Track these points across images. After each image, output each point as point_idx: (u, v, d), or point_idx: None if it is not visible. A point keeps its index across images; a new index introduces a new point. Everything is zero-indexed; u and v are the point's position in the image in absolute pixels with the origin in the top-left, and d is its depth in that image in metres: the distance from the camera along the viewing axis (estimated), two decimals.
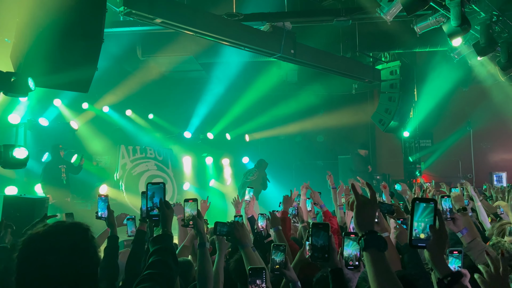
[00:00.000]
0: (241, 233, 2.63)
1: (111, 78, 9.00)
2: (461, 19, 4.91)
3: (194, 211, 2.63)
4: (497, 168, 12.34)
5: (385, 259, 1.46)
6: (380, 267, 1.44)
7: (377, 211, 1.59)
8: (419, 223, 1.51)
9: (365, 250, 1.48)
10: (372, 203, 1.57)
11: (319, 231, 1.87)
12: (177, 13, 5.87)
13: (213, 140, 11.54)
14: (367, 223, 1.53)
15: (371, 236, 1.49)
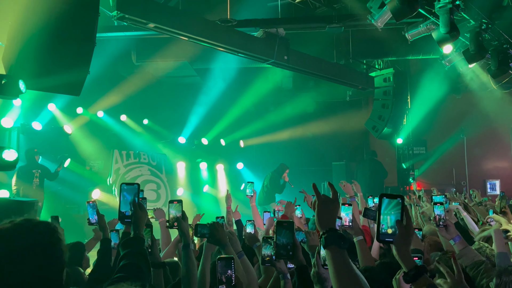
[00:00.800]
0: (220, 233, 2.64)
1: (106, 82, 9.02)
2: (450, 26, 4.98)
3: (179, 212, 2.64)
4: (491, 175, 12.40)
5: (345, 256, 1.48)
6: (340, 264, 1.46)
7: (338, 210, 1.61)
8: (387, 218, 1.53)
9: (326, 248, 1.50)
10: (333, 202, 1.59)
11: (283, 230, 1.90)
12: (170, 18, 5.92)
13: (208, 146, 11.54)
14: (328, 221, 1.55)
15: (332, 234, 1.50)
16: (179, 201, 2.67)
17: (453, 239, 2.71)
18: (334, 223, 1.56)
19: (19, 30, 4.41)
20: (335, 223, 1.57)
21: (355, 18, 6.77)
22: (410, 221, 1.54)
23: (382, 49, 9.08)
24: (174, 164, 11.02)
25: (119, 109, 9.81)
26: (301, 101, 12.01)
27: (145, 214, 2.13)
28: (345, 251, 1.50)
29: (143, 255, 1.93)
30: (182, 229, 2.54)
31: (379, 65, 9.98)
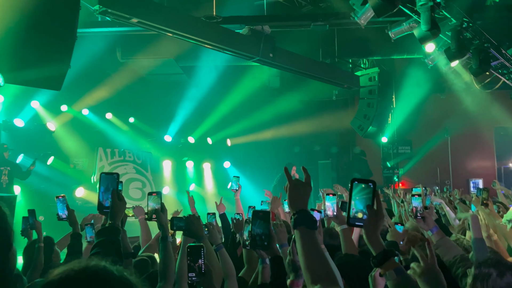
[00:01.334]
0: (196, 226, 2.63)
1: (90, 80, 8.92)
2: (430, 24, 5.04)
3: (158, 204, 2.62)
4: (474, 175, 12.60)
5: (314, 237, 1.50)
6: (309, 243, 1.48)
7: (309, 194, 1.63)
8: (358, 203, 1.55)
9: (295, 228, 1.52)
10: (304, 185, 1.62)
11: (259, 220, 1.89)
12: (154, 13, 5.89)
13: (194, 144, 11.50)
14: (298, 203, 1.57)
15: (301, 215, 1.53)
16: (158, 193, 2.66)
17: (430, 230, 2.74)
18: (305, 204, 1.58)
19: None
20: (306, 205, 1.59)
21: (339, 16, 6.82)
22: (380, 206, 1.56)
23: (367, 48, 9.16)
24: (160, 163, 10.95)
25: (104, 106, 9.71)
26: (288, 100, 12.04)
27: (123, 204, 2.07)
28: (315, 232, 1.52)
29: (116, 245, 1.90)
30: (161, 221, 2.52)
31: (364, 65, 10.06)
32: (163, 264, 2.41)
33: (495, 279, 2.03)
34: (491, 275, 2.05)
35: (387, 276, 1.48)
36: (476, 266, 2.15)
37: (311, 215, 1.54)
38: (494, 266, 2.09)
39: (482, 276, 2.07)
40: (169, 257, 2.43)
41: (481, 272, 2.08)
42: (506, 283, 2.01)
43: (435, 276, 1.77)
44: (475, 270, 2.13)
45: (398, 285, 1.46)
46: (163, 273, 2.39)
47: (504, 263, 2.08)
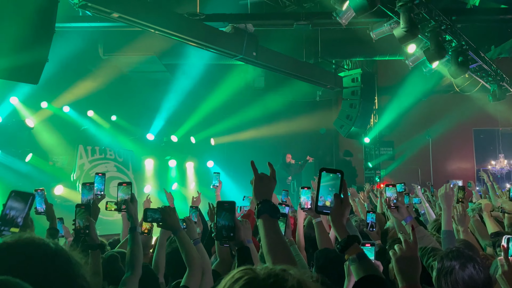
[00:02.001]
0: (173, 218, 2.61)
1: (71, 76, 8.79)
2: (409, 24, 5.12)
3: (128, 195, 2.60)
4: (454, 176, 12.82)
5: (276, 226, 1.58)
6: (270, 230, 1.56)
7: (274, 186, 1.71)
8: (324, 192, 1.61)
9: (258, 217, 1.60)
10: (269, 179, 1.71)
11: (224, 211, 1.87)
12: (136, 8, 5.83)
13: (177, 143, 11.41)
14: (262, 194, 1.66)
15: (264, 204, 1.61)
16: (129, 183, 2.64)
17: (404, 220, 2.78)
18: (269, 196, 1.66)
19: None
20: (270, 196, 1.66)
21: (322, 16, 6.86)
22: (346, 195, 1.63)
23: (350, 49, 9.26)
24: (142, 161, 10.83)
25: (85, 103, 9.56)
26: (272, 100, 12.07)
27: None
28: (276, 221, 1.59)
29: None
30: (130, 212, 2.51)
31: (347, 66, 10.15)
32: (131, 255, 2.39)
33: (457, 271, 2.05)
34: (453, 268, 2.06)
35: (351, 261, 1.54)
36: (439, 260, 2.16)
37: (274, 205, 1.62)
38: (456, 258, 2.09)
39: (445, 270, 2.09)
40: (137, 248, 2.41)
41: (444, 265, 2.10)
42: (468, 275, 2.02)
43: (414, 261, 1.77)
44: (438, 263, 2.14)
45: (360, 268, 1.51)
46: (130, 263, 2.36)
47: (466, 255, 2.08)
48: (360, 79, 9.69)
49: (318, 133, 12.40)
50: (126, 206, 2.54)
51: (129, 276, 2.28)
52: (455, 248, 2.19)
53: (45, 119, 9.12)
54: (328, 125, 11.79)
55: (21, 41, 4.36)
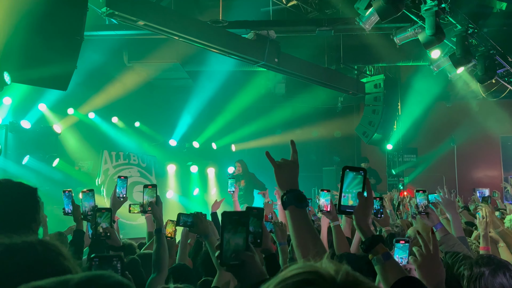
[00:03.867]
0: (204, 224, 2.66)
1: (97, 83, 9.01)
2: (435, 29, 5.05)
3: (152, 197, 2.65)
4: (481, 184, 12.45)
5: (303, 215, 1.50)
6: (299, 222, 1.49)
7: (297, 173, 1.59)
8: (349, 191, 1.57)
9: (285, 208, 1.52)
10: (289, 164, 1.59)
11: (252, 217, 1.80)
12: (161, 16, 5.96)
13: (199, 149, 11.52)
14: (286, 183, 1.56)
15: (290, 195, 1.52)
16: (154, 186, 2.69)
17: (434, 226, 2.73)
18: (293, 184, 1.55)
19: (5, 21, 4.40)
20: (294, 183, 1.56)
21: (345, 21, 6.84)
22: (370, 193, 1.59)
23: (372, 55, 9.17)
24: (164, 167, 10.96)
25: (110, 110, 9.78)
26: (293, 107, 12.07)
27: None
28: (304, 211, 1.51)
29: None
30: (156, 214, 2.55)
31: (370, 71, 10.06)
32: (157, 256, 2.44)
33: (487, 277, 2.02)
34: (483, 274, 2.03)
35: (375, 261, 1.50)
36: (469, 267, 2.12)
37: (300, 193, 1.53)
38: (486, 265, 2.06)
39: (474, 276, 2.05)
40: (163, 249, 2.45)
41: (473, 272, 2.06)
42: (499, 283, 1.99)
43: (436, 267, 1.74)
44: (468, 271, 2.11)
45: (386, 269, 1.48)
46: (156, 264, 2.41)
47: (496, 261, 2.05)
48: (383, 85, 9.59)
49: (339, 140, 12.29)
50: (151, 208, 2.59)
51: (155, 276, 2.33)
52: (486, 255, 2.15)
53: (72, 125, 9.37)
54: (350, 131, 11.68)
55: (51, 49, 4.51)
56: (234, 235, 1.32)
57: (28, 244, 1.00)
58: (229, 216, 1.34)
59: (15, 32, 4.32)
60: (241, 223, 1.33)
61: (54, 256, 1.01)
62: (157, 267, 2.37)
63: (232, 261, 1.30)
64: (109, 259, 1.27)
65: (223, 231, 1.33)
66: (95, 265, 1.25)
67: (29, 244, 1.00)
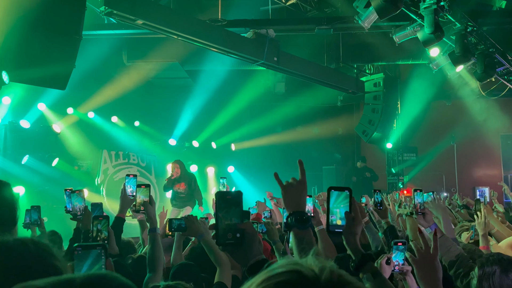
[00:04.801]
0: (196, 225, 2.67)
1: (96, 82, 9.01)
2: (434, 27, 5.04)
3: (146, 197, 2.64)
4: (480, 183, 12.45)
5: (307, 236, 1.50)
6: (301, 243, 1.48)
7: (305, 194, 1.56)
8: (336, 211, 1.58)
9: (289, 230, 1.52)
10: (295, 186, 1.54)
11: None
12: (160, 15, 5.94)
13: (199, 148, 11.51)
14: (290, 205, 1.53)
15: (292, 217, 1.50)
16: (147, 186, 2.69)
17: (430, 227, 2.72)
18: (298, 205, 1.52)
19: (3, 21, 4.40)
20: (300, 205, 1.52)
21: (344, 20, 6.83)
22: (357, 212, 1.61)
23: (372, 53, 9.17)
24: (164, 166, 10.95)
25: (109, 109, 9.77)
26: (293, 106, 12.05)
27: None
28: (308, 231, 1.51)
29: None
30: (149, 214, 2.55)
31: (369, 70, 10.06)
32: (152, 256, 2.43)
33: (500, 275, 2.04)
34: (495, 272, 2.05)
35: (365, 279, 1.54)
36: (480, 266, 2.13)
37: (302, 215, 1.49)
38: (497, 263, 2.08)
39: (486, 275, 2.07)
40: (158, 249, 2.45)
41: (485, 271, 2.08)
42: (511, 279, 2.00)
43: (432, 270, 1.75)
44: (479, 270, 2.12)
45: (376, 286, 1.52)
46: (151, 264, 2.40)
47: (506, 259, 2.07)
48: (383, 84, 9.59)
49: (339, 139, 12.28)
50: (144, 208, 2.58)
51: (151, 276, 2.32)
52: (496, 253, 2.17)
53: (71, 124, 9.36)
54: (349, 130, 11.68)
55: (50, 49, 4.50)
56: (228, 214, 1.32)
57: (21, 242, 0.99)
58: (222, 195, 1.34)
59: (13, 32, 4.31)
60: (234, 203, 1.33)
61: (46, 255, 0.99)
62: (152, 267, 2.37)
63: (227, 240, 1.30)
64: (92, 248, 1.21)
65: (217, 211, 1.32)
66: (77, 255, 1.18)
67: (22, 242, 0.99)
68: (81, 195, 2.86)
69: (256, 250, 1.32)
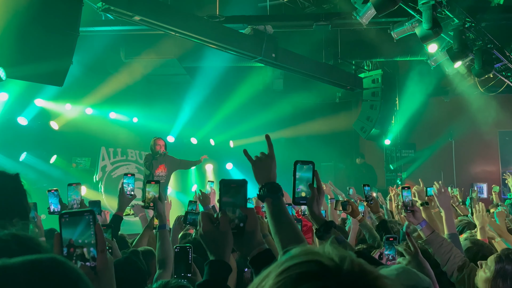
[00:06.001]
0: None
1: (94, 79, 8.98)
2: (432, 22, 5.03)
3: (156, 193, 2.66)
4: (478, 179, 12.47)
5: (279, 205, 1.53)
6: (274, 211, 1.52)
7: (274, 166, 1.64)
8: (301, 183, 1.66)
9: (262, 201, 1.58)
10: (262, 160, 1.64)
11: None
12: (157, 11, 5.92)
13: (197, 145, 11.50)
14: (261, 178, 1.60)
15: (265, 188, 1.56)
16: (157, 182, 2.70)
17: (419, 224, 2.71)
18: (268, 178, 1.59)
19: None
20: (270, 177, 1.59)
21: (342, 16, 6.81)
22: (320, 184, 1.72)
23: (370, 50, 9.15)
24: None
25: (107, 106, 9.75)
26: (291, 102, 12.04)
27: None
28: (280, 200, 1.54)
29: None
30: (159, 210, 2.57)
31: (368, 66, 10.05)
32: (162, 252, 2.44)
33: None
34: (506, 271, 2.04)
35: (330, 244, 1.57)
36: (498, 260, 2.10)
37: (274, 185, 1.56)
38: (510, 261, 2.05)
39: (502, 271, 2.04)
40: (167, 245, 2.45)
41: (504, 267, 2.04)
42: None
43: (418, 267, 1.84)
44: (496, 265, 2.08)
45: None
46: (162, 261, 2.41)
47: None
48: (381, 80, 9.58)
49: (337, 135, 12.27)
50: (154, 204, 2.59)
51: (161, 273, 2.33)
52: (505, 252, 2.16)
53: (69, 121, 9.33)
54: (348, 126, 11.67)
55: (47, 45, 4.49)
56: (232, 203, 1.32)
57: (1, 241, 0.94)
58: (227, 184, 1.34)
59: (10, 28, 4.29)
60: (238, 191, 1.33)
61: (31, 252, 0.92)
62: (163, 264, 2.38)
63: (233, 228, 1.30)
64: (80, 214, 1.15)
65: (221, 199, 1.33)
66: (65, 222, 1.12)
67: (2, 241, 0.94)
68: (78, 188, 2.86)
69: (258, 239, 1.31)
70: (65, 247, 1.09)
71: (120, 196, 3.04)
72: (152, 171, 6.94)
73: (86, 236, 1.11)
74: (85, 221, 1.12)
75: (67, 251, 1.09)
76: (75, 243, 1.10)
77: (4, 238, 0.94)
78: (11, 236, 0.96)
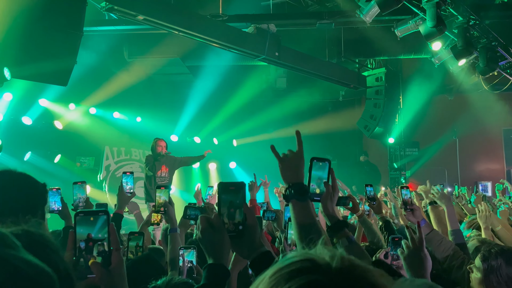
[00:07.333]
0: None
1: (97, 78, 8.99)
2: (436, 20, 5.01)
3: (166, 198, 2.70)
4: (483, 177, 12.41)
5: (306, 208, 1.51)
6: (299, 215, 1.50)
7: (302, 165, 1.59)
8: (316, 180, 1.64)
9: (288, 202, 1.55)
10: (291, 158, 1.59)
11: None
12: (160, 10, 5.93)
13: (200, 144, 11.51)
14: (288, 177, 1.56)
15: (291, 188, 1.53)
16: (167, 187, 2.75)
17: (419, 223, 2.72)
18: (296, 177, 1.55)
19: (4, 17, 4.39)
20: (297, 177, 1.55)
21: (345, 14, 6.80)
22: (335, 181, 1.70)
23: (373, 48, 9.12)
24: None
25: (111, 105, 9.77)
26: (294, 101, 12.03)
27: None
28: (307, 203, 1.52)
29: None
30: (170, 214, 2.62)
31: (371, 65, 10.02)
32: (173, 255, 2.51)
33: (506, 267, 2.06)
34: (500, 265, 2.07)
35: (340, 244, 1.62)
36: (483, 260, 2.12)
37: (302, 186, 1.53)
38: (501, 255, 2.09)
39: (491, 268, 2.08)
40: (178, 248, 2.49)
41: (490, 264, 2.09)
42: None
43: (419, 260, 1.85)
44: (483, 264, 2.10)
45: (349, 251, 1.56)
46: (173, 262, 2.46)
47: (507, 250, 2.08)
48: (384, 78, 9.55)
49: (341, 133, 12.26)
50: (164, 209, 2.64)
51: (174, 273, 2.39)
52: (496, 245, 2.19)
53: (73, 121, 9.36)
54: (351, 125, 11.65)
55: (51, 45, 4.50)
56: (230, 205, 1.30)
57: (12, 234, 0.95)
58: (225, 186, 1.31)
59: (15, 28, 4.31)
60: (237, 194, 1.31)
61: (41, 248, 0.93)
62: (174, 265, 2.45)
63: (229, 232, 1.28)
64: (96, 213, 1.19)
65: (220, 202, 1.30)
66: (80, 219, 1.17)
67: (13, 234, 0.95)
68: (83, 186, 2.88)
69: (258, 242, 1.29)
70: (83, 241, 1.18)
71: (119, 194, 3.09)
72: (155, 173, 6.96)
73: (103, 233, 1.20)
74: (101, 220, 1.20)
75: (85, 245, 1.18)
76: (94, 237, 1.19)
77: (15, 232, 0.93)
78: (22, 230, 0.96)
